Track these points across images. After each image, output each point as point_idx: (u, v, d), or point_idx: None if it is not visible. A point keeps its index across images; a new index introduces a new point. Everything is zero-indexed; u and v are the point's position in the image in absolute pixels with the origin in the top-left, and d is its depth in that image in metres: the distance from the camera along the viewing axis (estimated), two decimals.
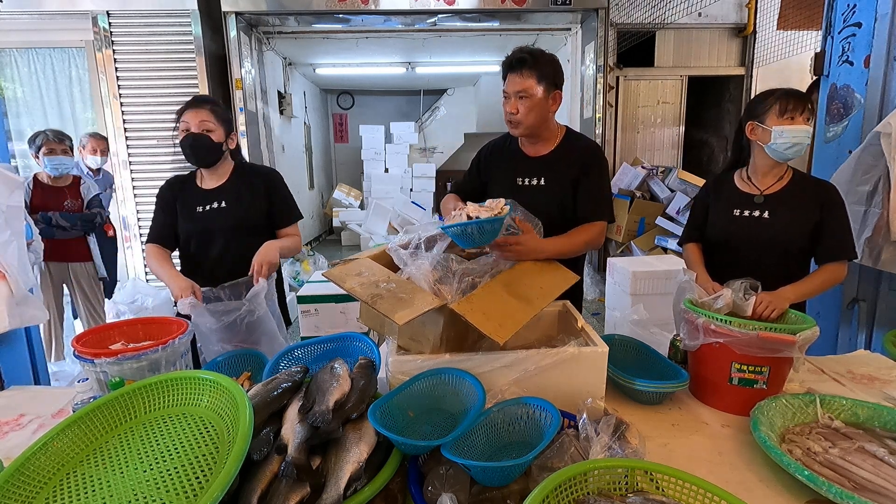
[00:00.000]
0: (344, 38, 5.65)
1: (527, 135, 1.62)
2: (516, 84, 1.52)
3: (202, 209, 1.71)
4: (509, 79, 1.54)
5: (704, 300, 1.32)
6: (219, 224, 1.70)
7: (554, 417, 0.93)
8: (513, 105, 1.54)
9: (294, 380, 1.01)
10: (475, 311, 1.07)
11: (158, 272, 1.64)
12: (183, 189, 1.76)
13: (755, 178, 1.64)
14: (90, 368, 1.17)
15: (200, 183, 1.76)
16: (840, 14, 2.36)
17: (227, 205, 1.71)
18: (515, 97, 1.53)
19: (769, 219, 1.59)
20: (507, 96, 1.55)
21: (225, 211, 1.71)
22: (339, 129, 10.09)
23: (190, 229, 1.72)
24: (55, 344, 3.13)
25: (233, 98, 4.80)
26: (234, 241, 1.71)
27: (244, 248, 1.65)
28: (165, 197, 1.75)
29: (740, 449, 1.07)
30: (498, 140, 1.79)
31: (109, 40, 4.35)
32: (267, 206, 1.77)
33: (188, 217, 1.71)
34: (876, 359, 1.57)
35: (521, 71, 1.51)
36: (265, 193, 1.77)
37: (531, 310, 1.18)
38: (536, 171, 1.64)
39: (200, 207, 1.71)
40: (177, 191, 1.75)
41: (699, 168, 5.87)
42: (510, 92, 1.54)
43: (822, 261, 1.57)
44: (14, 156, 4.48)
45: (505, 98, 1.56)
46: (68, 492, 0.76)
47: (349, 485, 0.78)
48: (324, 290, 3.19)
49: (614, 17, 4.94)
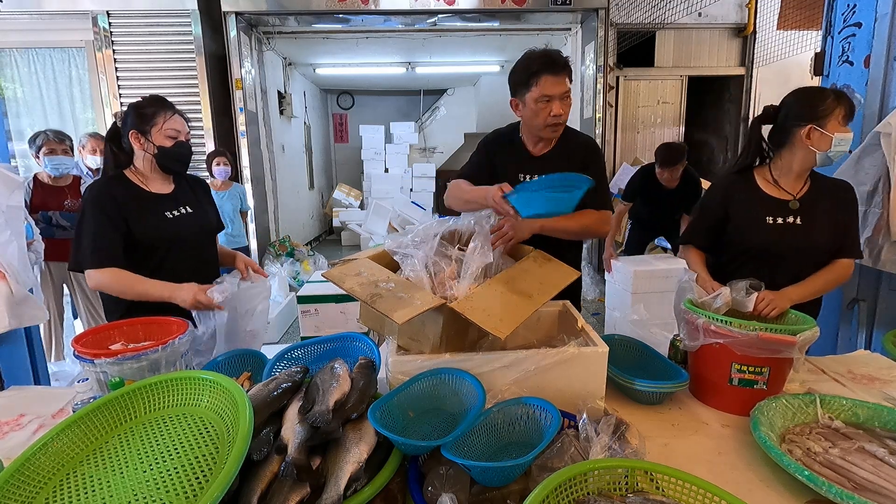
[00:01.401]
0: (344, 38, 5.65)
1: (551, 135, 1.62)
2: (561, 86, 1.51)
3: (171, 215, 1.60)
4: (551, 81, 1.50)
5: (704, 299, 1.32)
6: (191, 229, 1.64)
7: (554, 417, 0.94)
8: (558, 107, 1.52)
9: (294, 380, 1.01)
10: (475, 308, 1.07)
11: (144, 291, 1.46)
12: (127, 192, 1.55)
13: (785, 182, 1.55)
14: (90, 368, 1.17)
15: (146, 186, 1.59)
16: (840, 14, 2.36)
17: (192, 210, 1.67)
18: (559, 99, 1.52)
19: (802, 224, 1.51)
20: (549, 98, 1.52)
21: (193, 216, 1.66)
22: (339, 129, 10.09)
23: (160, 237, 1.57)
24: (55, 344, 3.13)
25: (233, 98, 4.80)
26: (204, 246, 1.71)
27: (213, 253, 1.74)
28: (110, 204, 1.49)
29: (740, 449, 1.06)
30: (504, 131, 1.77)
31: (109, 40, 4.36)
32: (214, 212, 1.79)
33: (153, 224, 1.56)
34: (876, 359, 1.57)
35: (563, 72, 1.50)
36: (208, 200, 1.79)
37: (532, 305, 1.17)
38: (539, 169, 1.64)
39: (169, 213, 1.60)
40: (120, 197, 1.53)
41: (699, 168, 5.84)
42: (554, 94, 1.51)
43: (833, 257, 1.53)
44: (14, 156, 4.48)
45: (545, 101, 1.52)
46: (68, 492, 0.76)
47: (349, 485, 0.78)
48: (324, 290, 3.19)
49: (614, 17, 4.94)
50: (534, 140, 1.68)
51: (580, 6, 4.73)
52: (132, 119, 1.55)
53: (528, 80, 1.52)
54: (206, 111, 4.59)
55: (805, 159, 1.49)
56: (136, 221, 1.52)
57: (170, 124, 1.56)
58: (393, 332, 1.17)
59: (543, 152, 1.68)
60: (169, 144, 1.56)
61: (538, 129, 1.59)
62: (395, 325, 1.09)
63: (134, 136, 1.55)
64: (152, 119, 1.55)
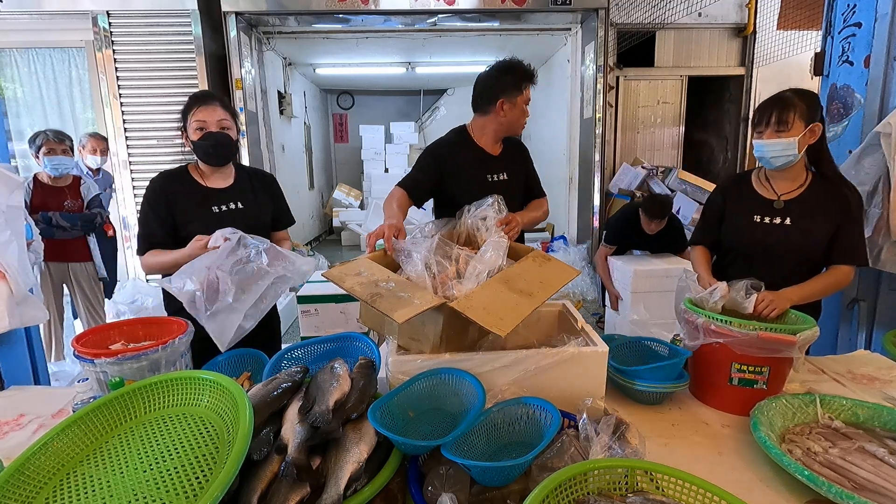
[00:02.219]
0: (344, 38, 5.65)
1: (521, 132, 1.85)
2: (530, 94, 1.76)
3: (218, 209, 1.62)
4: (528, 90, 1.74)
5: (701, 295, 1.32)
6: (236, 225, 1.57)
7: (554, 417, 0.94)
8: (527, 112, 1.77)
9: (294, 380, 1.01)
10: (475, 307, 1.07)
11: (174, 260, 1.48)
12: (180, 187, 1.62)
13: (773, 182, 1.59)
14: (90, 368, 1.17)
15: (203, 181, 1.64)
16: (840, 14, 2.36)
17: (243, 206, 1.66)
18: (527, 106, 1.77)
19: (790, 226, 1.54)
20: (524, 104, 1.75)
21: (243, 212, 1.66)
22: (339, 129, 10.09)
23: (202, 231, 1.55)
24: (55, 344, 3.13)
25: (233, 98, 4.80)
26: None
27: None
28: (159, 198, 1.58)
29: (740, 449, 1.07)
30: (451, 139, 1.86)
31: (109, 40, 4.35)
32: (272, 209, 1.76)
33: (200, 217, 1.59)
34: (876, 359, 1.57)
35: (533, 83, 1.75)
36: (270, 196, 1.77)
37: (532, 302, 1.17)
38: (500, 168, 1.84)
39: (216, 207, 1.62)
40: (172, 189, 1.60)
41: (699, 168, 5.87)
42: (527, 102, 1.76)
43: (830, 263, 1.54)
44: (14, 156, 4.48)
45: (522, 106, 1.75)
46: (68, 492, 0.76)
47: (349, 485, 0.78)
48: (324, 290, 3.19)
49: (614, 17, 4.94)
50: (494, 141, 1.84)
51: (580, 6, 4.72)
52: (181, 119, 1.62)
53: (520, 84, 1.72)
54: None
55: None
56: (182, 215, 1.58)
57: (196, 116, 1.56)
58: (393, 332, 1.17)
59: (498, 153, 1.86)
60: (197, 137, 1.56)
61: (520, 127, 1.81)
62: (396, 325, 1.09)
63: (182, 134, 1.62)
64: (186, 115, 1.59)
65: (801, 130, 1.45)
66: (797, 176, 1.57)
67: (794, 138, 1.45)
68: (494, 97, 1.72)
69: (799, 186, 1.56)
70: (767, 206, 1.58)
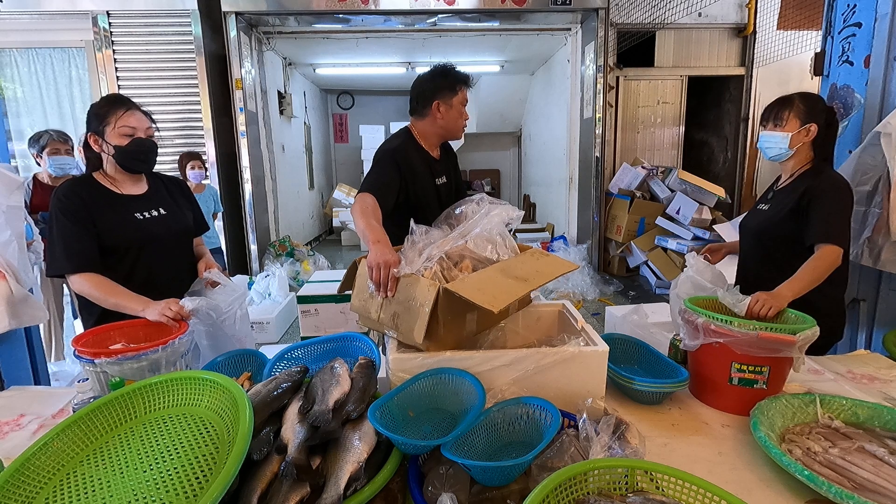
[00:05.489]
0: (344, 38, 5.65)
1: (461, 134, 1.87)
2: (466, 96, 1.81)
3: (142, 216, 1.55)
4: (466, 91, 1.79)
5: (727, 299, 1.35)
6: (162, 231, 1.58)
7: (554, 417, 0.94)
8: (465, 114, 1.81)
9: (294, 380, 1.01)
10: (468, 287, 1.06)
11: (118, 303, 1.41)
12: (96, 195, 1.51)
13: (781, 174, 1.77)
14: (90, 368, 1.17)
15: (117, 188, 1.55)
16: (840, 14, 2.36)
17: (166, 211, 1.61)
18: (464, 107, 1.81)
19: (766, 210, 1.72)
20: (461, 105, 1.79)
21: (167, 217, 1.61)
22: (339, 129, 10.09)
23: (130, 238, 1.52)
24: (55, 344, 3.13)
25: (233, 98, 4.81)
26: (177, 248, 1.65)
27: (188, 255, 1.70)
28: (79, 209, 1.45)
29: (740, 449, 1.07)
30: (402, 144, 1.79)
31: (109, 40, 4.36)
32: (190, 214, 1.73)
33: (122, 225, 1.51)
34: (876, 359, 1.57)
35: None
36: (186, 200, 1.74)
37: (527, 286, 1.16)
38: (442, 171, 1.87)
39: (139, 215, 1.55)
40: (89, 198, 1.49)
41: (699, 168, 5.87)
42: (464, 103, 1.80)
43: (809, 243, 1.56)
44: (14, 156, 4.48)
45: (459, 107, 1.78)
46: (68, 492, 0.76)
47: (349, 485, 0.78)
48: (324, 290, 3.19)
49: (614, 17, 4.94)
50: (435, 145, 1.87)
51: (580, 6, 4.73)
52: (89, 121, 1.51)
53: (455, 86, 1.74)
54: (206, 111, 4.60)
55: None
56: (104, 223, 1.48)
57: (123, 121, 1.48)
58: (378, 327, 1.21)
59: (440, 156, 1.88)
60: (124, 143, 1.49)
61: (458, 129, 1.82)
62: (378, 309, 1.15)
63: (92, 138, 1.50)
64: (105, 119, 1.48)
65: (795, 128, 1.59)
66: (792, 169, 1.68)
67: (787, 134, 1.60)
68: (430, 100, 1.75)
69: (790, 178, 1.68)
70: (766, 195, 1.78)
